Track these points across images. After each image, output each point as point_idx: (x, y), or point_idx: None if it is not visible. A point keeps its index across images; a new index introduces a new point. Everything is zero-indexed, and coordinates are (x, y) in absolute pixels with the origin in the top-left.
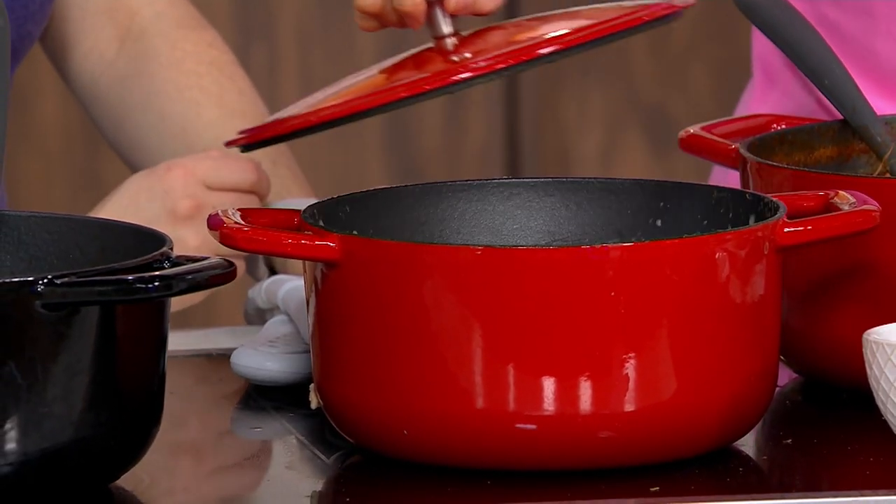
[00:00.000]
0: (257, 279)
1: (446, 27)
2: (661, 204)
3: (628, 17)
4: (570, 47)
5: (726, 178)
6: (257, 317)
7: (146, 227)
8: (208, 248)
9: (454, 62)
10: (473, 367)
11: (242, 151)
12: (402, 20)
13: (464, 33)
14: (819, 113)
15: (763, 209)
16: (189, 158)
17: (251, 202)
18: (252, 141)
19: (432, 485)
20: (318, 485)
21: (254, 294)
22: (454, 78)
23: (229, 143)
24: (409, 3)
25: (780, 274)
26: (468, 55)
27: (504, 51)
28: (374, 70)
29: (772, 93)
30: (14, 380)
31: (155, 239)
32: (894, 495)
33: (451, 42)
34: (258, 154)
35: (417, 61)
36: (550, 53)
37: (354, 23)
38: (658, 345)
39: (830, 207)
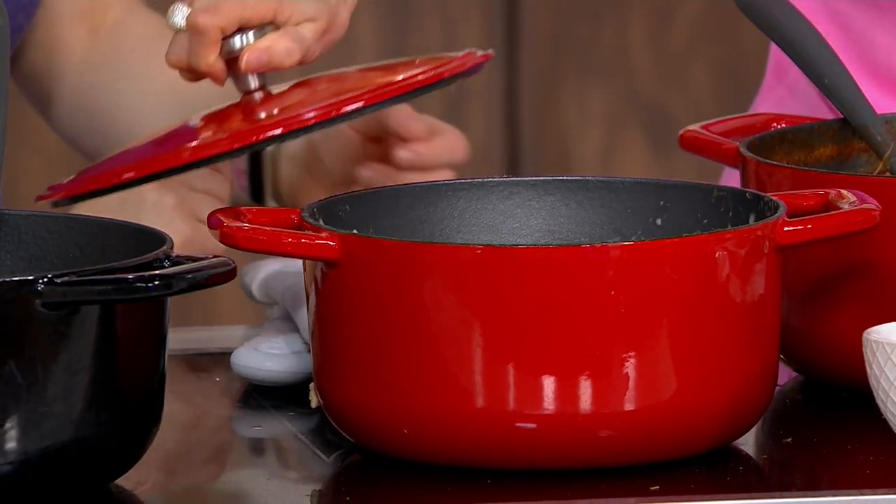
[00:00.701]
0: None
1: (253, 82)
2: (661, 203)
3: (433, 71)
4: (372, 104)
5: (729, 179)
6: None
7: (147, 227)
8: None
9: (256, 121)
10: (473, 366)
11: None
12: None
13: (272, 89)
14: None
15: (763, 208)
16: None
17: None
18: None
19: (432, 485)
20: (318, 484)
21: (249, 273)
22: (254, 139)
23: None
24: (204, 63)
25: (780, 273)
26: (275, 112)
27: (306, 110)
28: (196, 119)
29: (777, 89)
30: (14, 379)
31: (155, 238)
32: (894, 495)
33: (258, 97)
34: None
35: (222, 118)
36: (350, 112)
37: (356, 22)
38: (658, 344)
39: (830, 206)
